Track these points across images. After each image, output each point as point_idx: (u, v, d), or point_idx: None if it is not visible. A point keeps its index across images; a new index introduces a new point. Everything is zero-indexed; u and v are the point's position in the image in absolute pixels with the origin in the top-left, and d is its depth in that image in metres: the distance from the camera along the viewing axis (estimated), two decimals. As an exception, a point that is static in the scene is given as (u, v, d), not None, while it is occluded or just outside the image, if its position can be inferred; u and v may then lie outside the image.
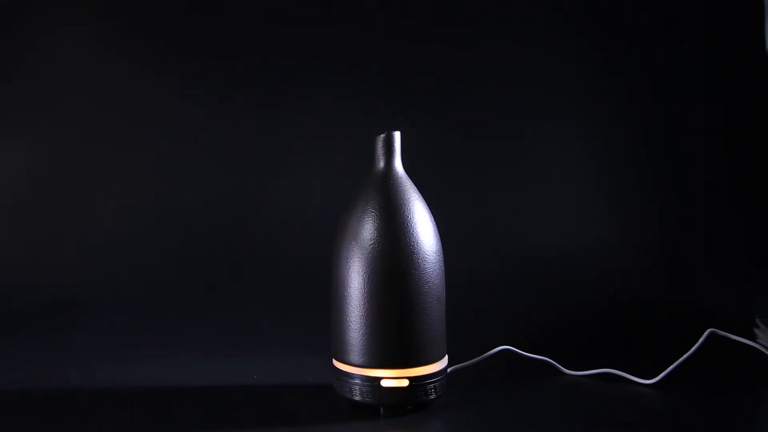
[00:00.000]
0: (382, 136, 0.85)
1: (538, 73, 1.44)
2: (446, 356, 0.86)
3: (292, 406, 0.88)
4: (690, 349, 0.95)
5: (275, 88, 1.43)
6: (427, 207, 0.85)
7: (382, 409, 0.83)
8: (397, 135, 0.85)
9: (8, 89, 1.41)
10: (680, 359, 0.94)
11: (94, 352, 1.08)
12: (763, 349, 1.01)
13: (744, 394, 0.93)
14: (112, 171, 1.42)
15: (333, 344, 0.85)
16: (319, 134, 1.43)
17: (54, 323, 1.19)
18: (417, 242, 0.82)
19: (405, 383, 0.81)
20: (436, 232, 0.85)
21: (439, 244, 0.85)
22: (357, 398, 0.82)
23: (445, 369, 0.85)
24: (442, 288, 0.85)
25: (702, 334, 0.97)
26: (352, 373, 0.82)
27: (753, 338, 1.05)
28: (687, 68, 1.44)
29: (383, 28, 1.42)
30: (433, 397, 0.83)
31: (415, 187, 0.85)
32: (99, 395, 0.91)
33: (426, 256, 0.82)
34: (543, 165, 1.45)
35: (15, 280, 1.30)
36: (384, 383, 0.81)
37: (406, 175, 0.85)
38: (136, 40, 1.43)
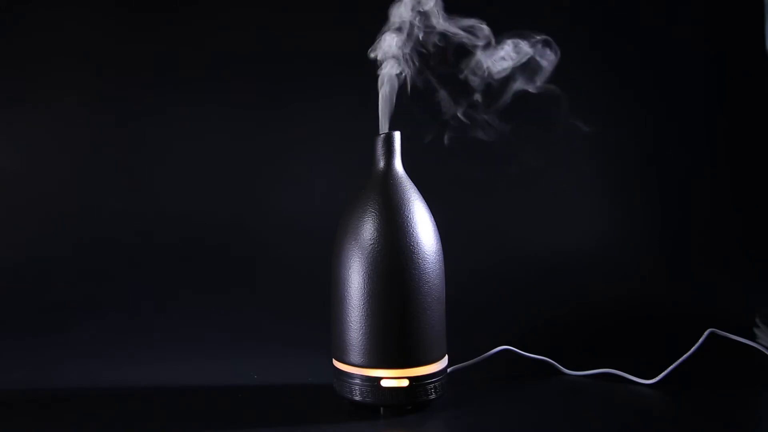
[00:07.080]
0: (382, 136, 0.85)
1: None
2: (446, 356, 0.86)
3: (292, 406, 0.88)
4: (690, 349, 0.95)
5: (275, 88, 1.43)
6: (427, 207, 0.85)
7: (382, 409, 0.83)
8: (397, 135, 0.85)
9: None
10: (680, 359, 0.94)
11: (94, 352, 1.08)
12: (763, 349, 1.01)
13: (744, 394, 0.93)
14: (113, 171, 1.42)
15: (333, 344, 0.85)
16: (319, 134, 1.43)
17: (54, 323, 1.19)
18: (417, 242, 0.82)
19: (405, 383, 0.81)
20: (436, 232, 0.85)
21: (439, 244, 0.85)
22: (357, 398, 0.82)
23: (445, 369, 0.85)
24: (442, 288, 0.85)
25: (702, 334, 0.97)
26: (352, 373, 0.82)
27: (753, 338, 1.05)
28: (687, 68, 1.44)
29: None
30: (433, 397, 0.83)
31: (415, 187, 0.85)
32: (99, 395, 0.91)
33: (426, 256, 0.82)
34: (543, 165, 1.44)
35: (15, 280, 1.29)
36: (384, 383, 0.81)
37: (406, 175, 0.85)
38: (136, 39, 1.42)
